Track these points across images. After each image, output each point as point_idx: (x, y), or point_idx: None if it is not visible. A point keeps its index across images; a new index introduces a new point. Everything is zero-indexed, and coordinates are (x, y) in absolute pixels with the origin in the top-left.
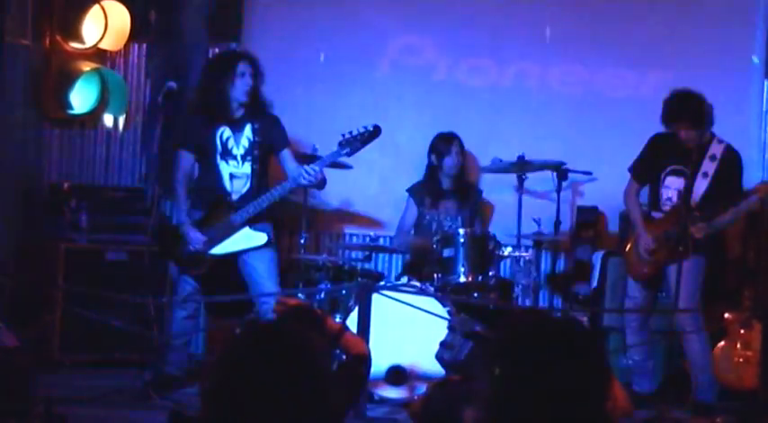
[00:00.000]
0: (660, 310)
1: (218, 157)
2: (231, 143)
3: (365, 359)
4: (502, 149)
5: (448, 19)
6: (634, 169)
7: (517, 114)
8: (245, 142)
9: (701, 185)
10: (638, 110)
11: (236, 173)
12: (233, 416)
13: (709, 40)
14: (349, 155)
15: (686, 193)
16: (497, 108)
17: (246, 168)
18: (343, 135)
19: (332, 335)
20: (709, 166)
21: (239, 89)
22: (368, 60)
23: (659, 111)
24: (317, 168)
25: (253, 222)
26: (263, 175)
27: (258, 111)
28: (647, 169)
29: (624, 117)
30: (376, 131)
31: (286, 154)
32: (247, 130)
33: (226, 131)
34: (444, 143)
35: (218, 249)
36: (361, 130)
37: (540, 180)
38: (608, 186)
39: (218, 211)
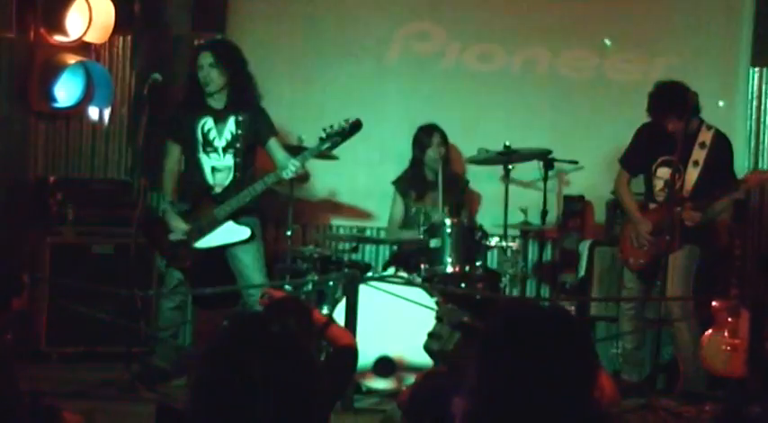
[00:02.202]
0: (652, 299)
1: (200, 150)
2: (213, 134)
3: (352, 351)
4: (487, 139)
5: (433, 9)
6: (624, 161)
7: (502, 104)
8: (227, 135)
9: (692, 174)
10: (623, 98)
11: (217, 166)
12: (220, 408)
13: (697, 28)
14: (330, 149)
15: (672, 183)
16: (482, 98)
17: (228, 161)
18: (325, 129)
19: (318, 327)
20: (699, 154)
21: (202, 81)
22: (353, 51)
23: (645, 99)
24: (297, 163)
25: (236, 217)
26: (246, 168)
27: (243, 102)
28: (637, 160)
29: (610, 105)
30: (357, 125)
31: (273, 143)
32: (231, 123)
33: (208, 123)
34: (425, 135)
35: (203, 243)
36: (343, 124)
37: (527, 170)
38: (594, 175)
39: (202, 204)
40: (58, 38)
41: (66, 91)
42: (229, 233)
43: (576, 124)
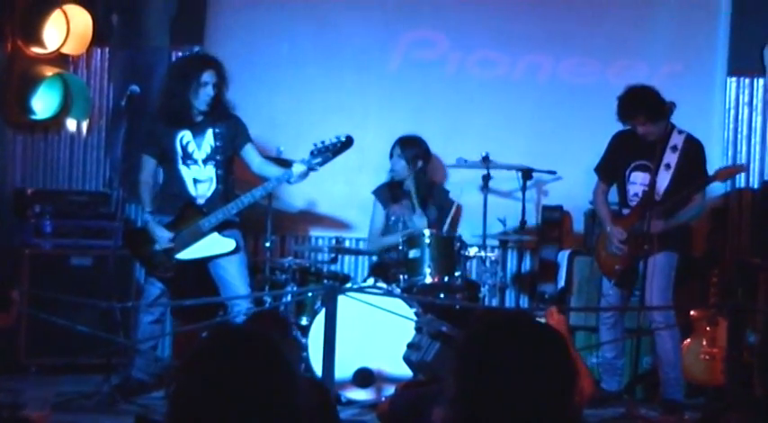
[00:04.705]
0: (631, 308)
1: (180, 162)
2: (192, 147)
3: None
4: (466, 149)
5: (415, 17)
6: (599, 170)
7: (481, 112)
8: (206, 147)
9: (664, 178)
10: (603, 109)
11: (199, 177)
12: (199, 420)
13: (675, 38)
14: (321, 164)
15: (651, 188)
16: (461, 107)
17: (210, 172)
18: (315, 144)
19: None
20: (671, 158)
21: (201, 99)
22: (332, 62)
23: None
24: (303, 167)
25: (221, 229)
26: (227, 179)
27: (220, 115)
28: (611, 168)
29: (588, 115)
30: (348, 142)
31: (250, 149)
32: (209, 135)
33: (186, 136)
34: (392, 147)
35: (186, 254)
36: (334, 140)
37: (505, 180)
38: (572, 185)
39: (187, 216)
40: (36, 50)
41: (43, 103)
42: (214, 245)
43: (556, 133)
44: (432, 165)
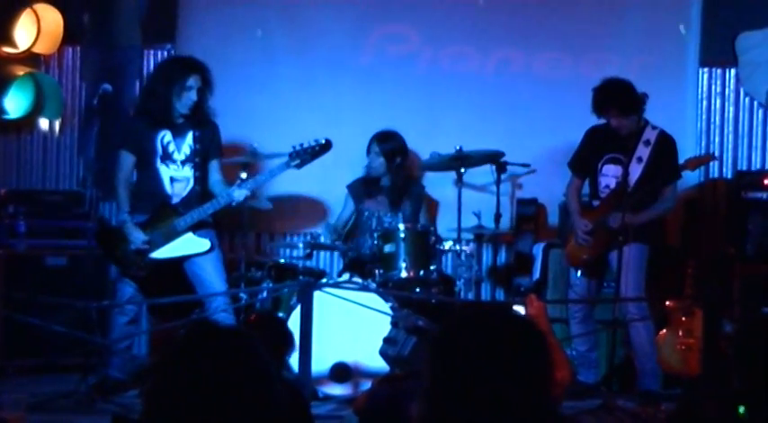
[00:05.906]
0: (605, 299)
1: (159, 161)
2: (172, 147)
3: None
4: (440, 143)
5: (386, 12)
6: (572, 164)
7: (455, 107)
8: (186, 149)
9: (635, 171)
10: (576, 102)
11: (176, 176)
12: (175, 418)
13: (647, 30)
14: (298, 167)
15: (624, 181)
16: (434, 102)
17: (187, 172)
18: (294, 147)
19: None
20: (643, 152)
21: (183, 102)
22: (304, 58)
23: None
24: (246, 193)
25: (196, 228)
26: (204, 181)
27: (200, 120)
28: (584, 163)
29: (562, 109)
30: (327, 145)
31: (215, 165)
32: (189, 138)
33: (167, 136)
34: (369, 143)
35: (161, 253)
36: (312, 143)
37: (480, 173)
38: (547, 178)
39: (162, 215)
40: (7, 49)
41: (15, 103)
42: (189, 245)
43: (530, 127)
44: (409, 160)
